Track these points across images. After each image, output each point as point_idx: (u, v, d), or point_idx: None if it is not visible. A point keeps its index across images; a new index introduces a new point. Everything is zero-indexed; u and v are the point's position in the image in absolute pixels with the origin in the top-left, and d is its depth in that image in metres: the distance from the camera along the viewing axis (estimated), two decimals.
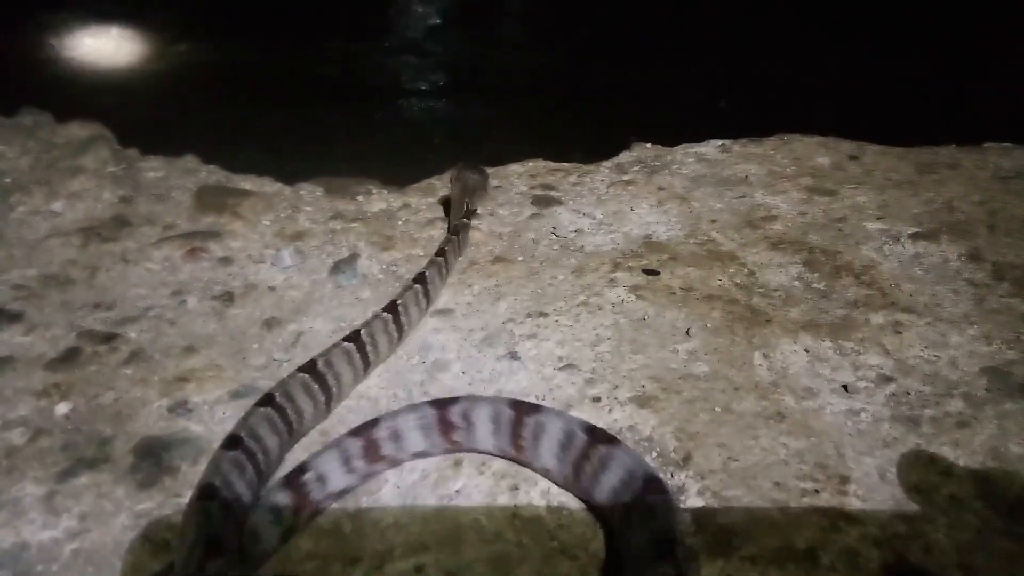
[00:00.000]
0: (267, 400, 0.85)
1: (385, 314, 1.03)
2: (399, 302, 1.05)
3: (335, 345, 0.96)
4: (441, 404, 0.86)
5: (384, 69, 4.55)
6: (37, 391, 0.98)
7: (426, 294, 1.11)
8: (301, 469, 0.80)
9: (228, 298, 1.20)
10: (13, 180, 1.51)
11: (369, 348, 0.99)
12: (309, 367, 0.92)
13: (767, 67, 3.91)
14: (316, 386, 0.91)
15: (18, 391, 0.98)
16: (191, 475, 0.85)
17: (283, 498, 0.77)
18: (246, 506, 0.76)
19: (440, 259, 1.18)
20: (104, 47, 3.97)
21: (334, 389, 0.94)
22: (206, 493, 0.71)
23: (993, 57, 3.54)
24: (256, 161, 1.83)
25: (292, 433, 0.88)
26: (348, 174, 1.76)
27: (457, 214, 1.35)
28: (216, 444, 0.81)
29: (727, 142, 1.84)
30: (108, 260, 1.29)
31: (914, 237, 1.40)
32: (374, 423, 0.84)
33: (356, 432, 0.84)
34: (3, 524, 0.80)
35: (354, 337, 0.98)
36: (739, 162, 1.72)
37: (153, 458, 0.88)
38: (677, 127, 2.07)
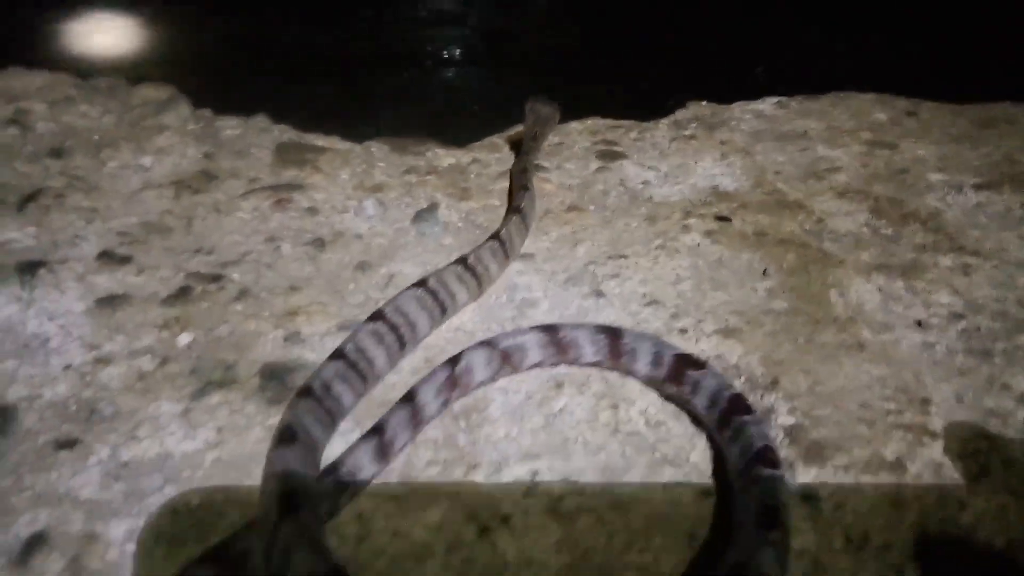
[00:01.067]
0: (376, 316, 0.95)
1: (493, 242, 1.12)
2: (502, 233, 1.14)
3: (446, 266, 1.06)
4: (553, 328, 0.93)
5: (418, 39, 4.57)
6: (158, 324, 1.06)
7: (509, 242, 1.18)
8: (455, 360, 0.90)
9: (319, 244, 1.27)
10: (101, 137, 1.58)
11: (480, 270, 1.08)
12: (420, 283, 1.02)
13: (808, 28, 3.88)
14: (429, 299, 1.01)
15: (139, 324, 1.06)
16: None
17: (442, 376, 0.88)
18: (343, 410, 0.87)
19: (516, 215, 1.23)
20: (135, 23, 4.07)
21: (447, 304, 1.03)
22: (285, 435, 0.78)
23: None
24: (314, 124, 1.90)
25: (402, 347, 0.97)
26: (404, 135, 1.82)
27: (528, 143, 1.48)
28: None
29: (783, 99, 1.87)
30: (201, 210, 1.36)
31: (976, 187, 1.43)
32: (503, 336, 0.94)
33: (488, 342, 0.93)
34: (147, 436, 0.87)
35: (462, 260, 1.08)
36: (797, 118, 1.75)
37: (277, 380, 0.95)
38: (727, 90, 2.11)
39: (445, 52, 4.56)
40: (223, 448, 0.86)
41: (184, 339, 1.03)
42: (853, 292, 1.10)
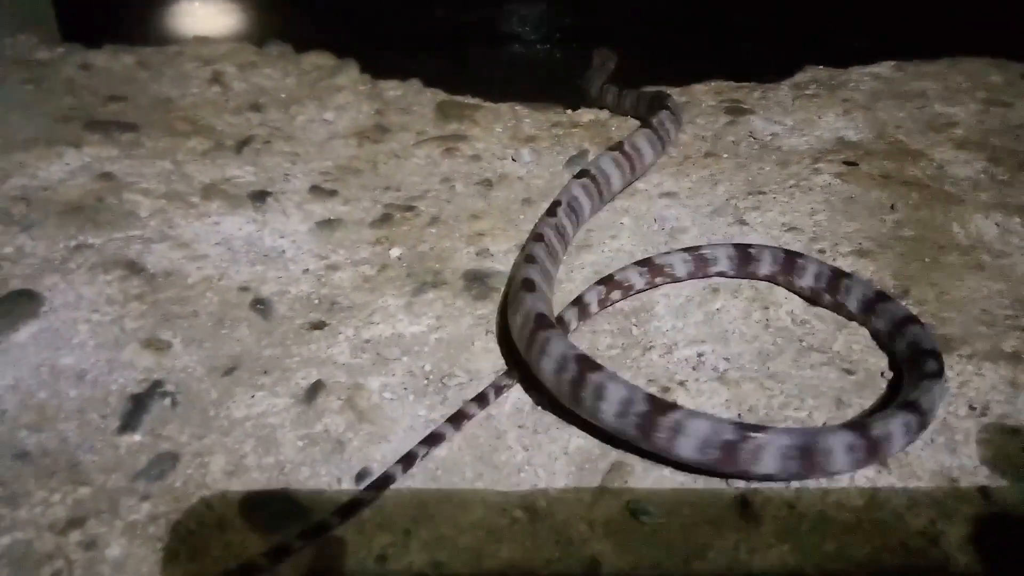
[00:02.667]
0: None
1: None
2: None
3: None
4: (744, 246, 1.12)
5: (519, 17, 4.73)
6: (370, 241, 1.28)
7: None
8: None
9: (487, 184, 1.47)
10: (287, 95, 1.83)
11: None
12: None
13: None
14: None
15: (355, 241, 1.28)
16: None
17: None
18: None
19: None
20: None
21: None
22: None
23: None
24: (458, 90, 2.11)
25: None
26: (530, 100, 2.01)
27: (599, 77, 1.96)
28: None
29: (900, 62, 1.97)
30: (382, 156, 1.58)
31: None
32: (706, 245, 1.14)
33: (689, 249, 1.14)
34: (381, 322, 1.09)
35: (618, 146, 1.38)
36: (914, 80, 1.86)
37: (479, 282, 1.16)
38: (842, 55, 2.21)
39: (540, 31, 4.73)
40: (443, 331, 1.07)
41: (395, 252, 1.25)
42: (973, 226, 1.23)
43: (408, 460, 0.85)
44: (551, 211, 1.21)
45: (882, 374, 0.95)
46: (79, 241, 1.23)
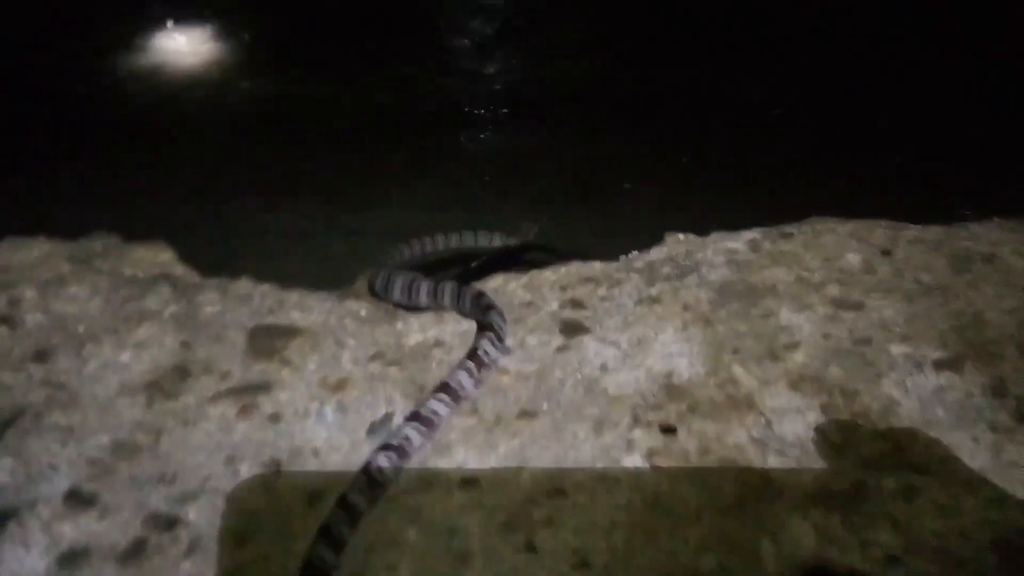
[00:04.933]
0: None
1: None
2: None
3: None
4: None
5: (439, 95, 4.65)
6: None
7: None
8: None
9: (274, 467, 1.32)
10: (86, 328, 1.65)
11: None
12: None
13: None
14: None
15: None
16: None
17: None
18: None
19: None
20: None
21: None
22: None
23: None
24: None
25: None
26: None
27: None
28: None
29: (758, 235, 1.86)
30: (171, 421, 1.42)
31: (938, 365, 1.42)
32: None
33: None
34: None
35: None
36: (768, 265, 1.74)
37: None
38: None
39: (465, 108, 4.60)
40: None
41: None
42: (787, 537, 1.10)
43: None
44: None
45: None
46: None
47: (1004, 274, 1.66)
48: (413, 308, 1.73)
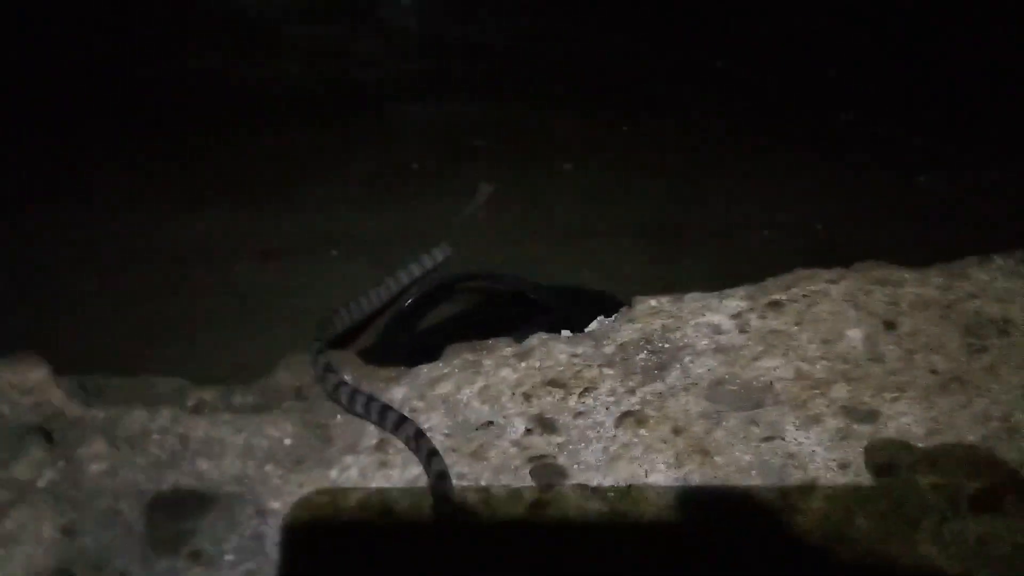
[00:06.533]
0: None
1: None
2: None
3: None
4: None
5: (356, 61, 4.16)
6: None
7: None
8: None
9: None
10: None
11: None
12: None
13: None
14: None
15: None
16: None
17: None
18: None
19: None
20: None
21: None
22: None
23: None
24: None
25: None
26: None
27: None
28: None
29: (744, 305, 1.61)
30: None
31: (973, 505, 1.22)
32: None
33: None
34: None
35: None
36: (761, 351, 1.51)
37: None
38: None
39: (386, 80, 4.14)
40: None
41: None
42: None
43: None
44: None
45: None
46: None
47: (1023, 349, 1.46)
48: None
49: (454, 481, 1.30)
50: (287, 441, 1.46)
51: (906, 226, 2.65)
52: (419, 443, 1.33)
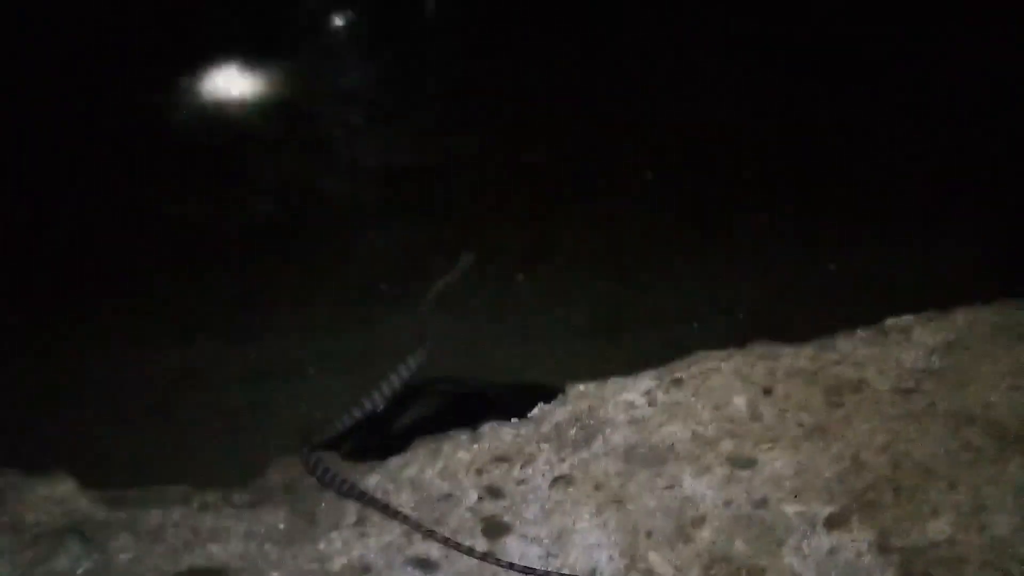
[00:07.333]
0: None
1: None
2: None
3: None
4: None
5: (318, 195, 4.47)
6: None
7: None
8: None
9: None
10: None
11: None
12: None
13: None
14: None
15: None
16: None
17: None
18: None
19: None
20: None
21: None
22: None
23: None
24: None
25: None
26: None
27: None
28: None
29: (653, 384, 1.96)
30: None
31: (828, 523, 1.55)
32: None
33: None
34: None
35: None
36: (665, 421, 1.85)
37: None
38: None
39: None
40: None
41: None
42: None
43: None
44: None
45: None
46: None
47: (873, 404, 1.83)
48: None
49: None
50: (281, 525, 1.76)
51: (811, 307, 3.04)
52: None
